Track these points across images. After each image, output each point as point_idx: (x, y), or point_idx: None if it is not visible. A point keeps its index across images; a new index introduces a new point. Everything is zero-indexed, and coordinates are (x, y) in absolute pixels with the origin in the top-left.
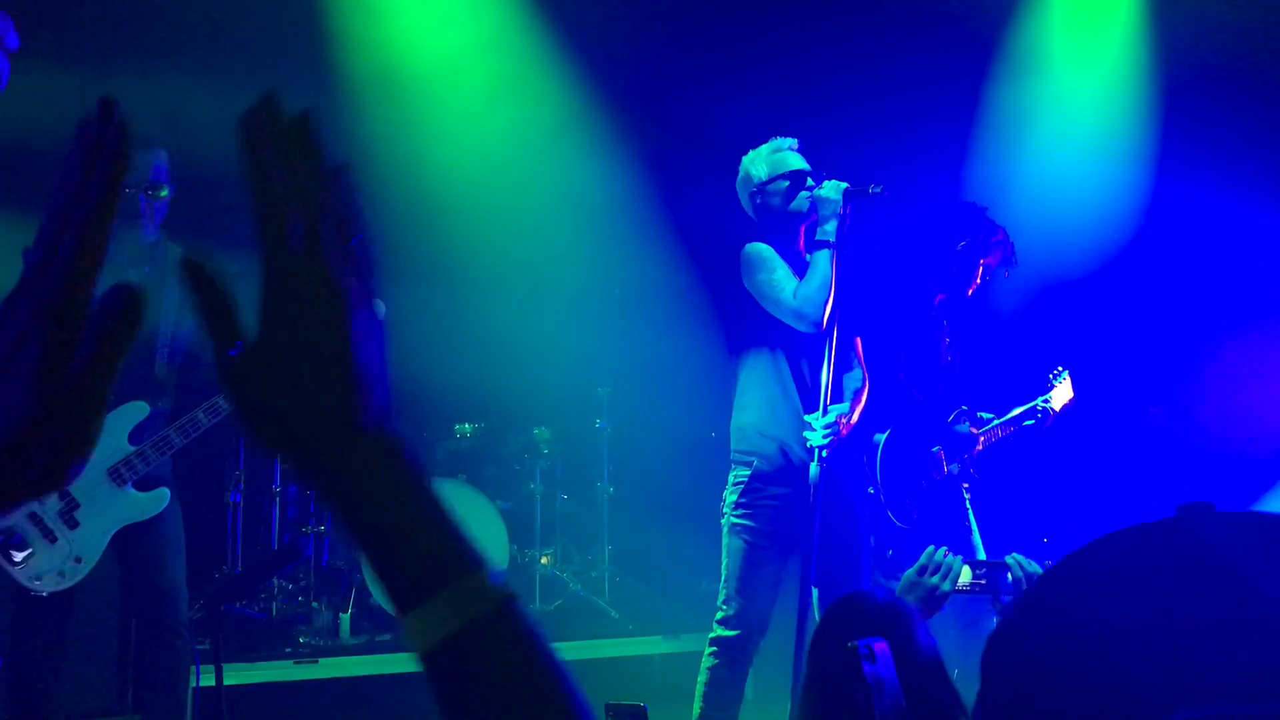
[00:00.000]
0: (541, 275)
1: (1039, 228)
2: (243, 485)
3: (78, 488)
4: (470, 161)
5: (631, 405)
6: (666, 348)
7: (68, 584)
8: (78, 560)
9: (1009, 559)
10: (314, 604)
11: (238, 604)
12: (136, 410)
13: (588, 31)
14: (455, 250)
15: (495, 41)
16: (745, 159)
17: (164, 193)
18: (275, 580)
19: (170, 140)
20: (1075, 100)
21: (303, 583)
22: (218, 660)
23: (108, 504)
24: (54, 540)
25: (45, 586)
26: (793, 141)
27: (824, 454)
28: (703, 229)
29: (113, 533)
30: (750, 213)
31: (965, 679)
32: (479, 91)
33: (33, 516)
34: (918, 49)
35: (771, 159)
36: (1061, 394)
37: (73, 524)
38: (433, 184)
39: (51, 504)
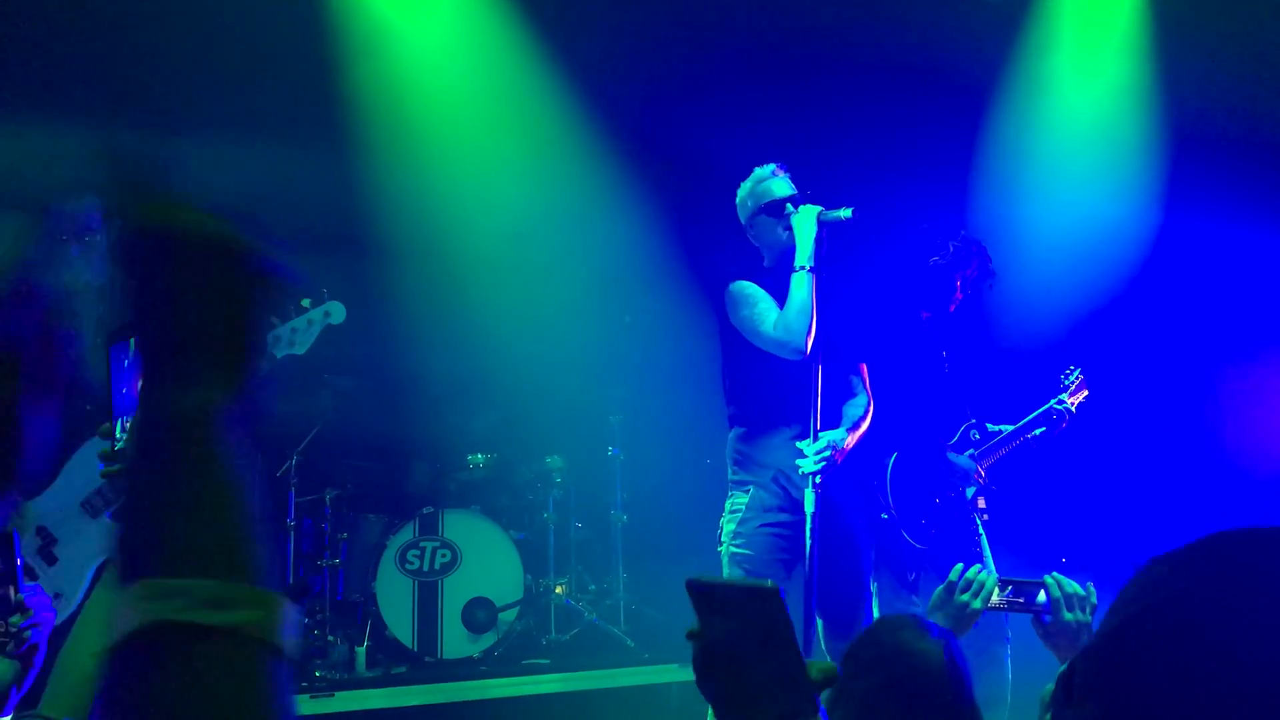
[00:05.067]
0: (552, 304)
1: (1054, 252)
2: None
3: (55, 524)
4: (479, 193)
5: (643, 432)
6: (677, 374)
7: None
8: (58, 596)
9: (1047, 579)
10: (329, 637)
11: None
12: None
13: (597, 67)
14: (466, 281)
15: (505, 79)
16: (744, 184)
17: (97, 238)
18: None
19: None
20: (1083, 125)
21: (318, 616)
22: None
23: (85, 537)
24: (34, 578)
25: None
26: (772, 167)
27: (817, 480)
28: (708, 259)
29: (95, 566)
30: (756, 245)
31: (979, 703)
32: (487, 124)
33: None
34: (922, 83)
35: (755, 192)
36: (1076, 393)
37: (51, 560)
38: (442, 216)
39: (30, 541)
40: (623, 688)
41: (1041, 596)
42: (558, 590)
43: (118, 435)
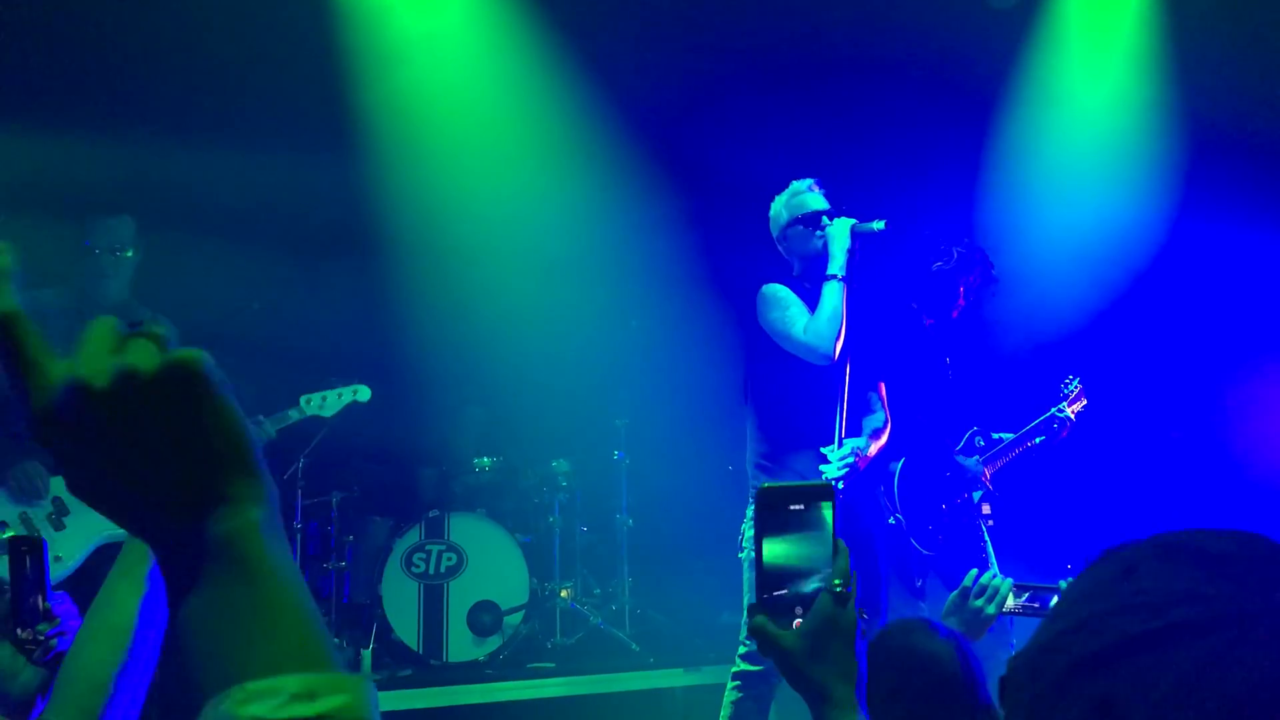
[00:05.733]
0: (559, 308)
1: (1062, 257)
2: None
3: (71, 498)
4: (489, 197)
5: (649, 437)
6: (684, 379)
7: None
8: (57, 559)
9: (1062, 584)
10: (335, 640)
11: None
12: None
13: (608, 71)
14: (473, 285)
15: (515, 82)
16: (777, 199)
17: (129, 254)
18: None
19: (137, 206)
20: (1091, 130)
21: (324, 619)
22: None
23: (95, 513)
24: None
25: None
26: (810, 182)
27: (840, 486)
28: (718, 264)
29: (96, 542)
30: (781, 250)
31: None
32: (496, 128)
33: (23, 517)
34: (931, 89)
35: (791, 204)
36: (1075, 402)
37: (59, 527)
38: (452, 220)
39: (42, 506)
40: (628, 692)
41: (1055, 601)
42: (563, 594)
43: None
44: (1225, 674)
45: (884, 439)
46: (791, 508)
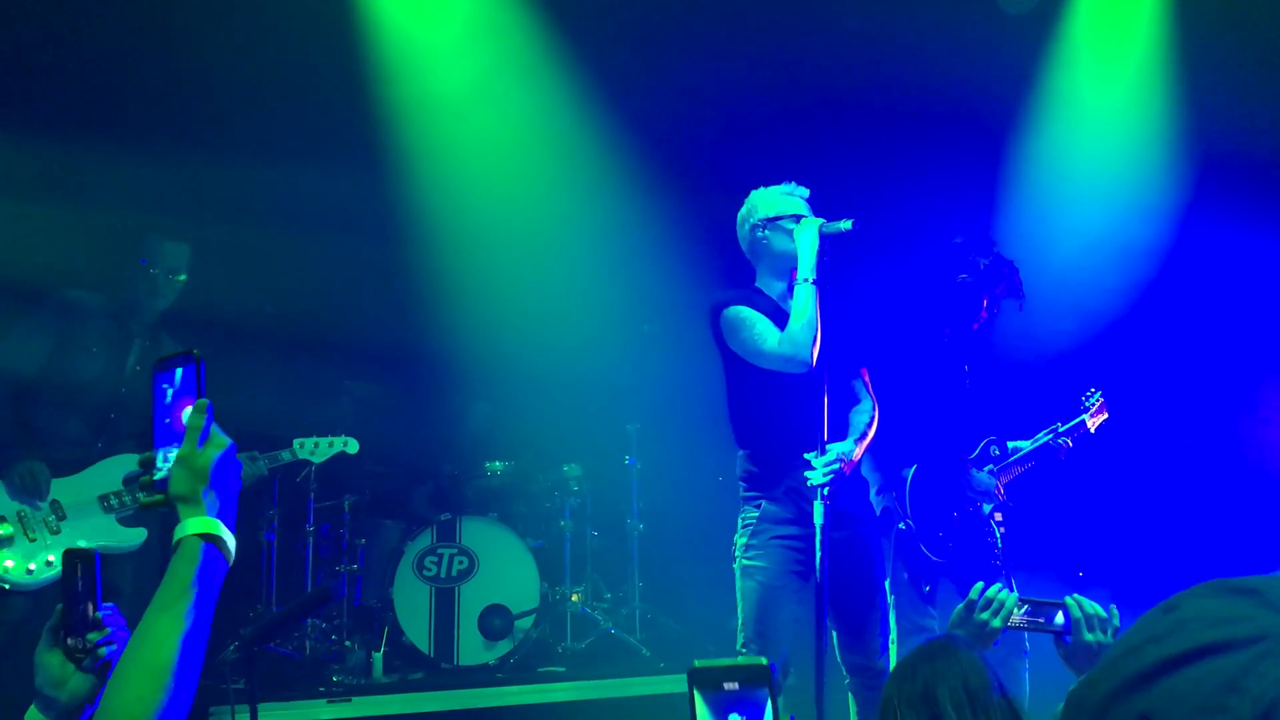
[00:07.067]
0: (571, 312)
1: (1078, 267)
2: (276, 525)
3: (69, 503)
4: (504, 201)
5: (661, 441)
6: (695, 383)
7: (32, 581)
8: (49, 563)
9: (1068, 599)
10: (347, 643)
11: (271, 643)
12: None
13: (628, 80)
14: (486, 288)
15: (532, 89)
16: (755, 193)
17: (181, 278)
18: (308, 619)
19: (147, 207)
20: (1106, 140)
21: (336, 621)
22: (252, 700)
23: (90, 522)
24: (33, 540)
25: (12, 575)
26: (805, 192)
27: (825, 492)
28: (732, 271)
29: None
30: (744, 246)
31: None
32: (512, 135)
33: (20, 515)
34: (947, 99)
35: (782, 200)
36: (1096, 415)
37: (55, 530)
38: (466, 225)
39: (40, 508)
40: (637, 697)
41: (1060, 617)
42: (573, 598)
43: (159, 464)
44: (1260, 678)
45: (872, 433)
46: (726, 685)
